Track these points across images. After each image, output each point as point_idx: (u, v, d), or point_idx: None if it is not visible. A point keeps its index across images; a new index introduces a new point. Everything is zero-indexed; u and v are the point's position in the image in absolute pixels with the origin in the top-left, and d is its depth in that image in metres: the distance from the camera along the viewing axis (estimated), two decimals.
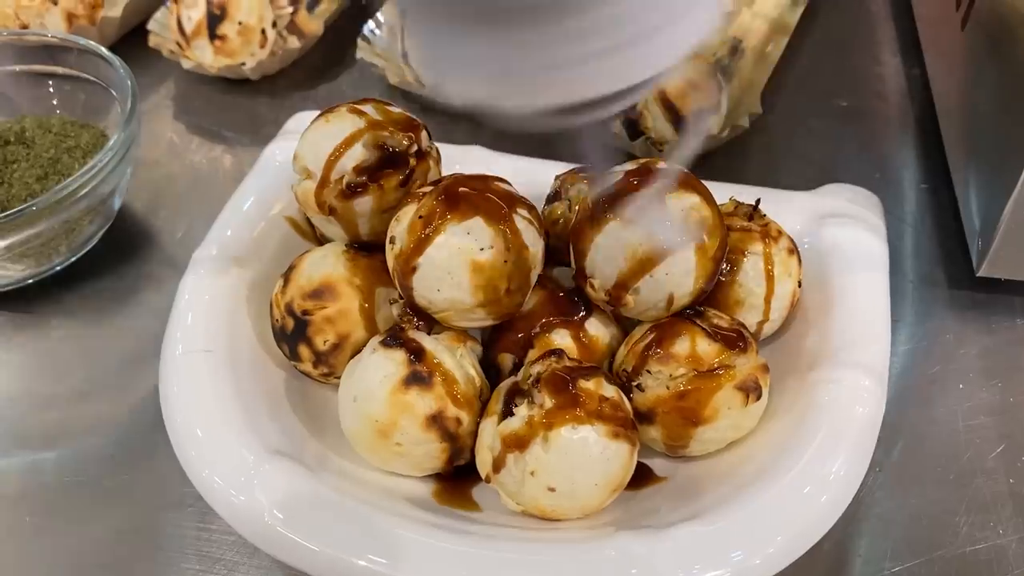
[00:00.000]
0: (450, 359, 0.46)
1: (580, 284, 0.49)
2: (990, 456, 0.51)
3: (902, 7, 0.82)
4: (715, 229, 0.47)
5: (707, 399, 0.45)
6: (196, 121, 0.75)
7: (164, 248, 0.65)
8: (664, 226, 0.45)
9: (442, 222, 0.45)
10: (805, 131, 0.72)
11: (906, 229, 0.64)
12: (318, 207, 0.49)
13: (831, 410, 0.46)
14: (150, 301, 0.61)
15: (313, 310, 0.49)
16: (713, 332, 0.46)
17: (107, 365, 0.58)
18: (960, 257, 0.61)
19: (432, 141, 0.53)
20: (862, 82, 0.76)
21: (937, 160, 0.67)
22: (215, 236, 0.56)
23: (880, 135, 0.71)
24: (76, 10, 0.75)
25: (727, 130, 0.65)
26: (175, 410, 0.47)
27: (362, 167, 0.48)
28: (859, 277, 0.53)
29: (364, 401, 0.45)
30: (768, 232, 0.51)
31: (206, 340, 0.50)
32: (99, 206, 0.60)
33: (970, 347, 0.57)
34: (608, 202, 0.46)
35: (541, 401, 0.43)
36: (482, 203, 0.46)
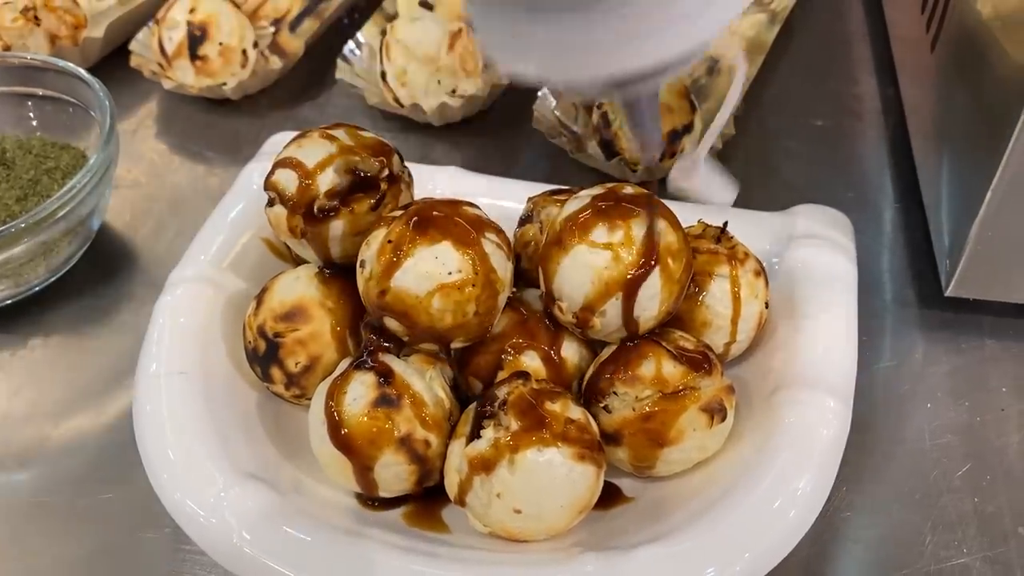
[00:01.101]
0: (419, 381, 0.46)
1: (548, 306, 0.49)
2: (956, 475, 0.52)
3: (878, 27, 0.83)
4: (680, 252, 0.47)
5: (672, 421, 0.46)
6: (177, 141, 0.76)
7: (143, 268, 0.65)
8: (710, 183, 0.50)
9: (411, 246, 0.46)
10: (780, 151, 0.72)
11: (879, 249, 0.65)
12: (289, 231, 0.50)
13: (796, 431, 0.47)
14: (129, 320, 0.62)
15: (285, 332, 0.49)
16: (678, 354, 0.47)
17: (85, 384, 0.59)
18: (931, 276, 0.61)
19: (404, 165, 0.53)
20: (838, 102, 0.77)
21: (910, 180, 0.68)
22: (191, 257, 0.56)
23: (854, 155, 0.72)
24: (59, 31, 0.76)
25: None
26: (147, 432, 0.48)
27: (333, 191, 0.49)
28: (827, 298, 0.53)
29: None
30: (735, 254, 0.52)
31: (180, 362, 0.50)
32: (78, 227, 0.61)
33: (939, 366, 0.58)
34: (574, 224, 0.47)
35: (507, 423, 0.43)
36: (450, 228, 0.46)
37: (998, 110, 0.52)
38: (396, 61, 0.71)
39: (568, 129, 0.72)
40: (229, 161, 0.73)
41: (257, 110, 0.78)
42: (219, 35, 0.74)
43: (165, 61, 0.74)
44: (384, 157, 0.51)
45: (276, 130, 0.75)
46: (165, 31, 0.74)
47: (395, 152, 0.52)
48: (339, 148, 0.50)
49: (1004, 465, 0.52)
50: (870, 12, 0.85)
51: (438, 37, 0.70)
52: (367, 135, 0.52)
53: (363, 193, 0.50)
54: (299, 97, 0.79)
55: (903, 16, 0.76)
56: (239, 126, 0.77)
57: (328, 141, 0.50)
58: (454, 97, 0.72)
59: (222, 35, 0.74)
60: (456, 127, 0.75)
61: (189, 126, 0.77)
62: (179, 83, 0.74)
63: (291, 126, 0.76)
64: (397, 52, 0.70)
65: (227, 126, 0.76)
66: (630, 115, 0.41)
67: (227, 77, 0.75)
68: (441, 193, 0.61)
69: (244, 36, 0.75)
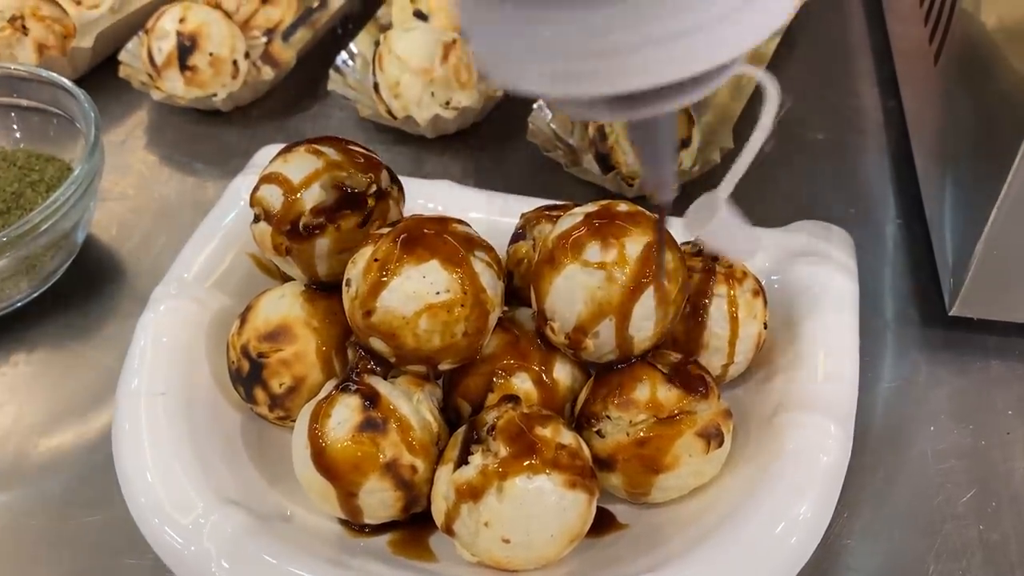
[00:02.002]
0: (406, 404, 0.45)
1: (540, 327, 0.48)
2: (960, 501, 0.51)
3: (880, 39, 0.81)
4: (676, 272, 0.46)
5: (667, 446, 0.44)
6: (166, 152, 0.74)
7: (129, 282, 0.64)
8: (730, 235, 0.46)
9: (398, 265, 0.44)
10: (780, 165, 0.71)
11: (881, 266, 0.63)
12: (274, 248, 0.48)
13: (796, 456, 0.45)
14: (114, 336, 0.60)
15: (269, 352, 0.48)
16: (674, 377, 0.46)
17: (68, 402, 0.57)
18: (934, 295, 0.60)
19: (394, 180, 0.52)
20: (839, 115, 0.75)
21: (913, 195, 0.67)
22: (176, 273, 0.55)
23: (856, 169, 0.70)
24: (47, 40, 0.75)
25: (698, 165, 0.65)
26: (126, 454, 0.46)
27: (319, 208, 0.48)
28: (828, 318, 0.52)
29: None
30: (732, 274, 0.50)
31: (161, 382, 0.49)
32: (61, 241, 0.60)
33: (942, 388, 0.56)
34: (567, 243, 0.46)
35: (496, 449, 0.42)
36: (439, 246, 0.45)
37: (1004, 125, 0.51)
38: (389, 72, 0.69)
39: (564, 142, 0.70)
40: (218, 173, 0.72)
41: (247, 121, 0.77)
42: (209, 45, 0.72)
43: (154, 71, 0.73)
44: (373, 172, 0.50)
45: (266, 142, 0.73)
46: (155, 41, 0.72)
47: (384, 167, 0.51)
48: (326, 163, 0.48)
49: (1010, 491, 0.51)
50: (872, 24, 0.84)
51: (431, 48, 0.69)
52: (356, 149, 0.50)
53: (350, 210, 0.48)
54: (290, 108, 0.78)
55: (905, 28, 0.74)
56: (229, 137, 0.75)
57: (315, 156, 0.48)
58: (448, 109, 0.71)
59: (212, 45, 0.72)
60: (450, 139, 0.73)
61: (178, 137, 0.75)
62: (168, 94, 0.73)
63: (282, 138, 0.74)
64: (390, 63, 0.69)
65: (217, 137, 0.75)
66: (642, 144, 0.36)
67: (217, 88, 0.74)
68: (433, 208, 0.60)
69: (235, 46, 0.74)
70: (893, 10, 0.80)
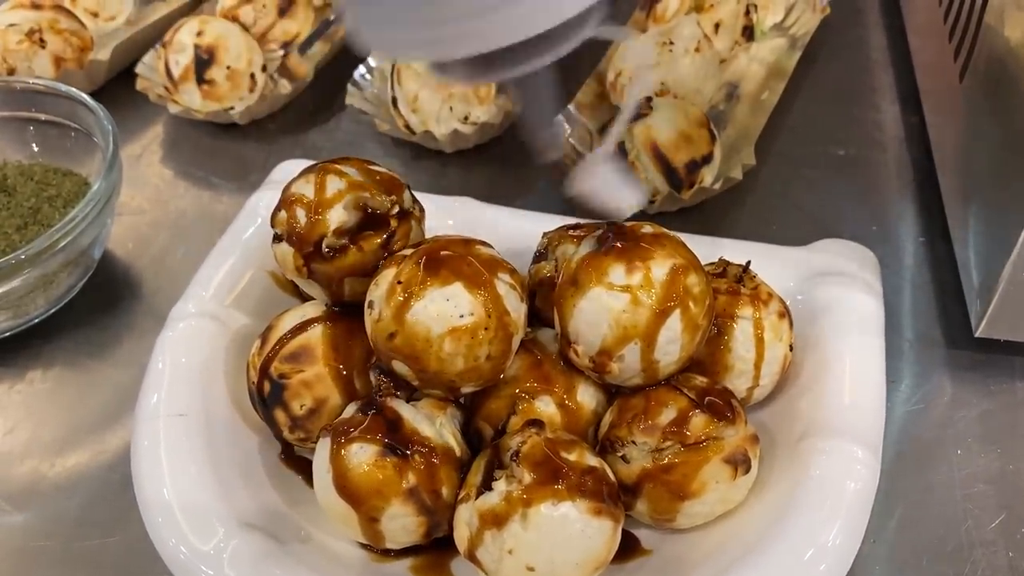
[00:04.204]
0: (429, 428, 0.44)
1: (563, 349, 0.47)
2: (989, 527, 0.50)
3: (901, 54, 0.81)
4: (702, 295, 0.45)
5: (694, 473, 0.44)
6: (183, 167, 0.74)
7: (146, 298, 0.64)
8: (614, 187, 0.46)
9: (421, 288, 0.44)
10: (801, 181, 0.70)
11: (903, 285, 0.62)
12: (296, 270, 0.48)
13: (823, 483, 0.45)
14: (130, 353, 0.60)
15: (290, 373, 0.47)
16: (700, 401, 0.45)
17: (84, 421, 0.57)
18: (959, 315, 0.59)
19: (415, 199, 0.51)
20: (860, 130, 0.75)
21: (936, 213, 0.66)
22: (194, 291, 0.54)
23: (878, 186, 0.70)
24: (64, 53, 0.75)
25: (720, 182, 0.64)
26: (145, 478, 0.46)
27: (342, 229, 0.47)
28: (853, 340, 0.51)
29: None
30: (758, 295, 0.50)
31: (180, 403, 0.49)
32: (79, 257, 0.59)
33: (968, 410, 0.55)
34: (591, 265, 0.45)
35: (520, 476, 0.41)
36: (463, 268, 0.44)
37: None
38: (407, 87, 0.69)
39: (583, 157, 0.70)
40: (236, 188, 0.71)
41: (265, 135, 0.76)
42: (227, 58, 0.72)
43: (171, 85, 0.73)
44: (395, 192, 0.49)
45: (284, 156, 0.73)
46: (172, 54, 0.72)
47: (406, 187, 0.51)
48: (348, 184, 0.48)
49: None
50: (892, 38, 0.83)
51: None
52: (378, 169, 0.50)
53: (373, 231, 0.48)
54: (308, 122, 0.78)
55: (928, 44, 0.74)
56: (246, 151, 0.75)
57: (337, 176, 0.48)
58: (467, 124, 0.70)
59: (230, 58, 0.72)
60: (469, 153, 0.73)
61: (195, 151, 0.75)
62: (185, 107, 0.73)
63: (299, 152, 0.75)
64: (408, 78, 0.69)
65: (234, 151, 0.75)
66: (522, 104, 0.39)
67: (234, 101, 0.74)
68: (453, 225, 0.59)
69: (252, 59, 0.74)
70: (915, 25, 0.79)
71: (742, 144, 0.69)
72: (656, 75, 0.69)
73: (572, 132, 0.71)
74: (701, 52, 0.70)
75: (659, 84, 0.69)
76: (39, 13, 0.74)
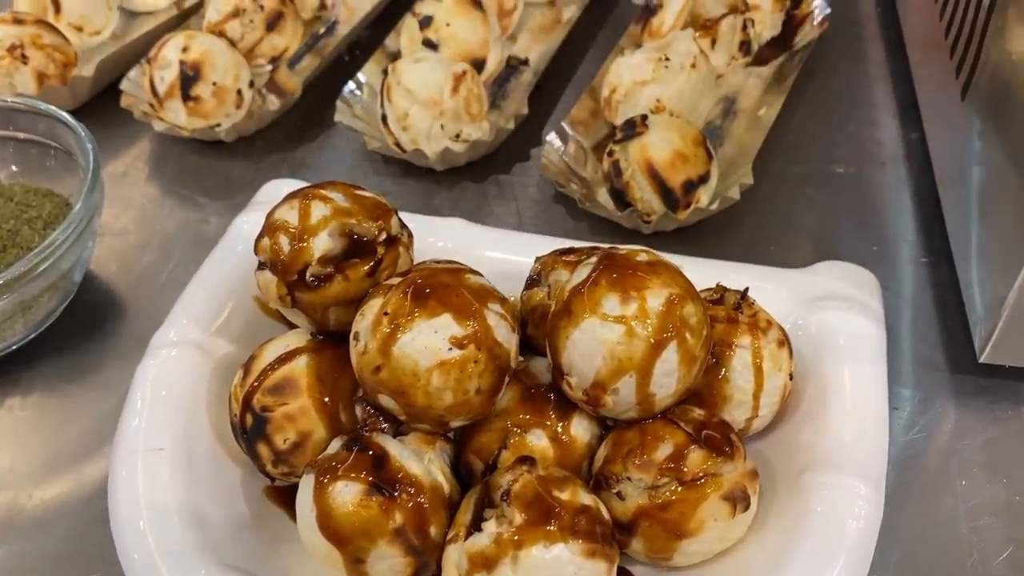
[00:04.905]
0: (416, 465, 0.43)
1: (556, 381, 0.46)
2: (996, 562, 0.48)
3: (900, 67, 0.79)
4: (699, 326, 0.44)
5: (692, 511, 0.42)
6: (168, 185, 0.72)
7: (129, 321, 0.62)
8: None
9: (409, 320, 0.42)
10: (800, 200, 0.69)
11: (905, 307, 0.61)
12: (279, 299, 0.46)
13: (825, 521, 0.43)
14: (113, 379, 0.58)
15: (273, 406, 0.46)
16: (698, 436, 0.43)
17: (64, 450, 0.55)
18: (962, 338, 0.58)
19: (403, 225, 0.50)
20: (859, 147, 0.73)
21: (937, 232, 0.64)
22: (175, 318, 0.53)
23: (878, 205, 0.68)
24: (47, 69, 0.73)
25: (717, 202, 0.63)
26: (122, 518, 0.44)
27: (327, 257, 0.46)
28: (855, 368, 0.50)
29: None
30: (757, 323, 0.48)
31: (160, 437, 0.47)
32: (59, 281, 0.58)
33: (973, 438, 0.54)
34: (584, 294, 0.44)
35: (511, 516, 0.40)
36: (451, 298, 0.43)
37: None
38: (397, 104, 0.67)
39: (577, 175, 0.68)
40: (222, 207, 0.70)
41: (252, 152, 0.75)
42: (213, 75, 0.70)
43: (156, 101, 0.71)
44: (382, 218, 0.48)
45: (272, 173, 0.72)
46: (157, 71, 0.70)
47: (394, 211, 0.49)
48: (333, 210, 0.46)
49: None
50: (891, 51, 0.82)
51: (441, 80, 0.67)
52: (364, 193, 0.48)
53: (359, 258, 0.46)
54: (296, 138, 0.76)
55: (928, 59, 0.72)
56: (233, 169, 0.73)
57: (322, 202, 0.46)
58: (458, 142, 0.69)
59: (216, 75, 0.71)
60: (460, 171, 0.71)
61: (181, 169, 0.74)
62: (171, 124, 0.71)
63: (287, 170, 0.73)
64: (398, 95, 0.67)
65: (221, 169, 0.73)
66: None
67: (221, 118, 0.72)
68: (444, 247, 0.58)
69: (239, 75, 0.72)
70: (914, 40, 0.78)
71: (740, 162, 0.67)
72: (651, 91, 0.68)
73: (566, 149, 0.69)
74: (697, 68, 0.68)
75: (655, 101, 0.68)
76: (21, 28, 0.72)
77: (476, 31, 0.74)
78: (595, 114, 0.72)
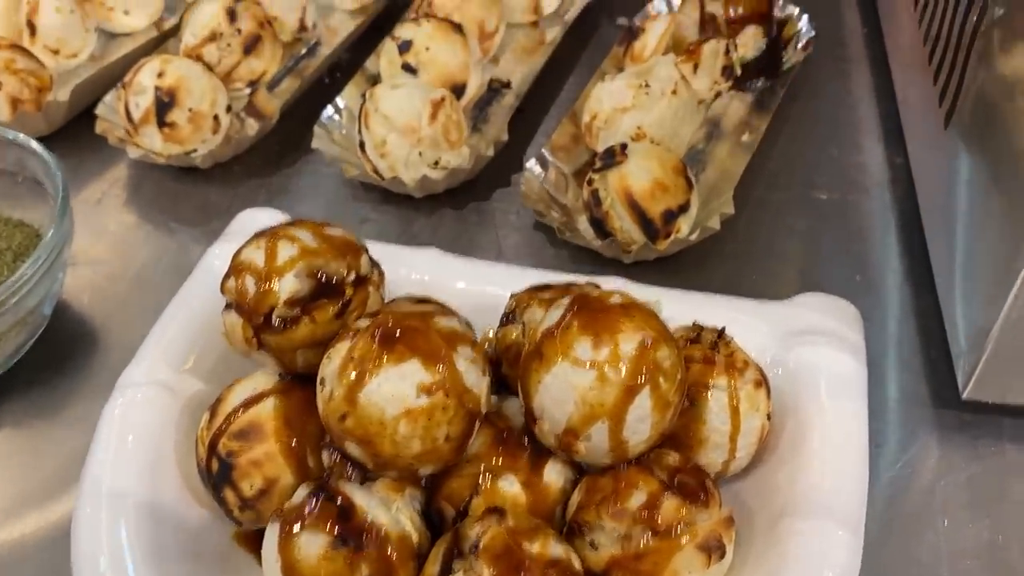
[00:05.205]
0: (384, 514, 0.42)
1: (529, 425, 0.45)
2: None
3: (885, 90, 0.78)
4: (673, 370, 0.43)
5: (666, 562, 0.41)
6: (144, 212, 0.71)
7: (102, 355, 0.61)
8: None
9: (375, 365, 0.41)
10: (781, 228, 0.68)
11: (888, 338, 0.60)
12: (245, 341, 0.45)
13: (801, 569, 0.42)
14: (84, 415, 0.57)
15: (239, 451, 0.45)
16: (671, 483, 0.43)
17: (33, 488, 0.54)
18: (945, 372, 0.57)
19: (374, 265, 0.49)
20: (843, 172, 0.72)
21: (921, 260, 0.64)
22: (143, 356, 0.52)
23: (862, 232, 0.67)
24: (21, 95, 0.72)
25: (697, 232, 0.62)
26: (83, 562, 0.43)
27: (294, 299, 0.45)
28: (835, 407, 0.49)
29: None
30: (734, 363, 0.47)
31: (125, 481, 0.46)
32: (27, 316, 0.57)
33: (956, 475, 0.53)
34: (556, 338, 0.43)
35: (479, 571, 0.39)
36: (419, 343, 0.42)
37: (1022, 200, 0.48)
38: (375, 131, 0.66)
39: (557, 202, 0.67)
40: (198, 235, 0.69)
41: (229, 177, 0.74)
42: (189, 100, 0.69)
43: (132, 127, 0.70)
44: (351, 256, 0.47)
45: (249, 199, 0.71)
46: (132, 96, 0.69)
47: (364, 250, 0.48)
48: (301, 250, 0.45)
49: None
50: (876, 72, 0.81)
51: (419, 106, 0.66)
52: (333, 232, 0.47)
53: (327, 298, 0.45)
54: (274, 163, 0.75)
55: (912, 83, 0.71)
56: (210, 195, 0.72)
57: (289, 242, 0.46)
58: (437, 169, 0.68)
59: (192, 100, 0.70)
60: (440, 198, 0.71)
61: (157, 195, 0.72)
62: (146, 151, 0.70)
63: (264, 196, 0.72)
64: (376, 122, 0.66)
65: (197, 195, 0.72)
66: None
67: (197, 143, 0.71)
68: (419, 279, 0.57)
69: (216, 100, 0.71)
70: (899, 63, 0.77)
71: (722, 187, 0.66)
72: (631, 118, 0.67)
73: (546, 176, 0.68)
74: (678, 94, 0.67)
75: (635, 128, 0.67)
76: None
77: (456, 55, 0.73)
78: (576, 139, 0.72)
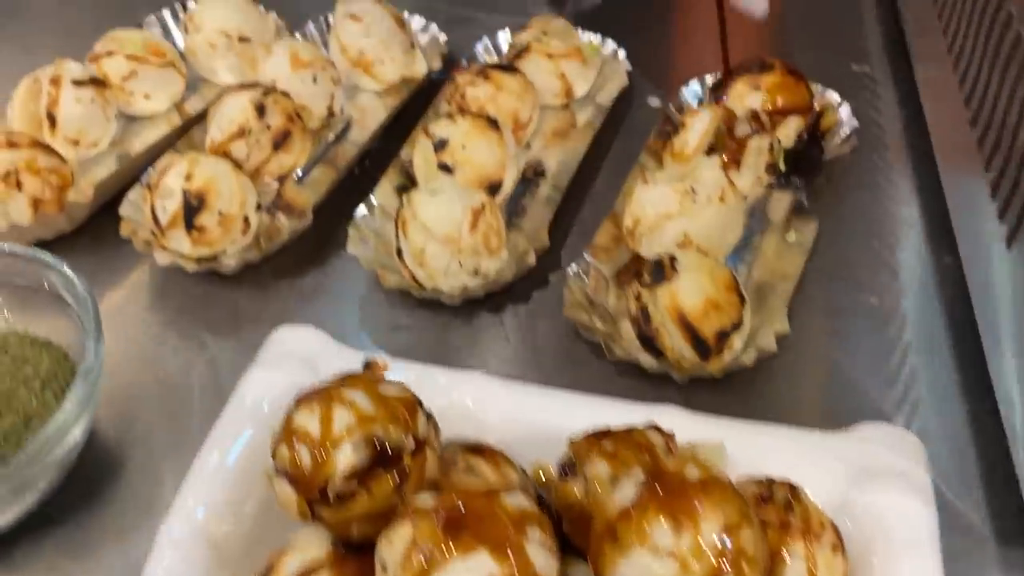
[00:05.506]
0: None
1: None
2: None
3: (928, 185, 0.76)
4: (755, 552, 0.41)
5: None
6: (170, 318, 0.69)
7: (131, 488, 0.58)
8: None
9: (442, 555, 0.39)
10: (834, 338, 0.66)
11: (947, 468, 0.58)
12: (300, 515, 0.43)
13: None
14: (113, 559, 0.54)
15: None
16: None
17: None
18: (1012, 504, 0.55)
19: (430, 418, 0.46)
20: (891, 272, 0.70)
21: (979, 378, 0.61)
22: (182, 504, 0.49)
23: (918, 346, 0.65)
24: (43, 195, 0.70)
25: (753, 355, 0.60)
26: None
27: (352, 472, 0.42)
28: (909, 564, 0.47)
29: None
30: (810, 526, 0.45)
31: None
32: (65, 457, 0.54)
33: None
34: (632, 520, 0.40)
35: None
36: (487, 531, 0.39)
37: None
38: (414, 240, 0.64)
39: (598, 308, 0.65)
40: (229, 346, 0.66)
41: (258, 277, 0.71)
42: (218, 203, 0.67)
43: (159, 230, 0.68)
44: (408, 416, 0.44)
45: (280, 303, 0.69)
46: (158, 199, 0.67)
47: (419, 406, 0.46)
48: (358, 417, 0.43)
49: None
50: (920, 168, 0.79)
51: (459, 215, 0.64)
52: (389, 391, 0.45)
53: (383, 468, 0.43)
54: (306, 262, 0.72)
55: (967, 191, 0.69)
56: (239, 298, 0.70)
57: (344, 408, 0.43)
58: (476, 277, 0.66)
59: (222, 202, 0.67)
60: (477, 304, 0.68)
61: (184, 299, 0.70)
62: (174, 256, 0.67)
63: (296, 300, 0.70)
64: (415, 230, 0.64)
65: (225, 300, 0.70)
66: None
67: (226, 244, 0.68)
68: (464, 407, 0.55)
69: (246, 200, 0.69)
70: (949, 162, 0.75)
71: (772, 299, 0.64)
72: (677, 225, 0.65)
73: (587, 282, 0.66)
74: (725, 201, 0.65)
75: (681, 235, 0.65)
76: (15, 152, 0.69)
77: (493, 153, 0.71)
78: (617, 240, 0.69)
